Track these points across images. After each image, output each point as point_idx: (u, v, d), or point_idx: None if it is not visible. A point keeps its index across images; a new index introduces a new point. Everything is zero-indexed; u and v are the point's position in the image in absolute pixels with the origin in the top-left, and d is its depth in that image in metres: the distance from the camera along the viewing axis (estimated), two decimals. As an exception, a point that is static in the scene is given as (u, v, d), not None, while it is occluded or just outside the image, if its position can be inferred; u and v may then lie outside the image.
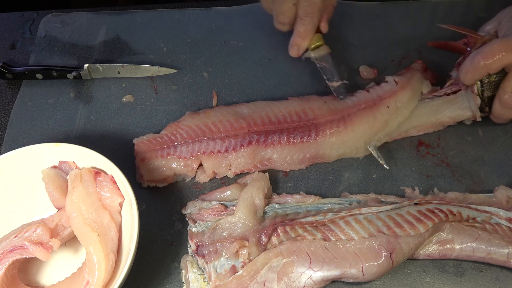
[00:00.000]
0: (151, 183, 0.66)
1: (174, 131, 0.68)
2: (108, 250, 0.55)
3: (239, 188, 0.63)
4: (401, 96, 0.70)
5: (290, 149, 0.67)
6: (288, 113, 0.69)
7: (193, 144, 0.66)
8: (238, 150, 0.66)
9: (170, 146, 0.66)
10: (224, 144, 0.66)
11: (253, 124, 0.68)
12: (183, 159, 0.65)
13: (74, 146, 0.60)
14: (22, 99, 0.77)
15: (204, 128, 0.68)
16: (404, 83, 0.71)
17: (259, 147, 0.67)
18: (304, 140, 0.67)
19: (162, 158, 0.66)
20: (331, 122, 0.68)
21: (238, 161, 0.66)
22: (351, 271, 0.56)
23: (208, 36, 0.83)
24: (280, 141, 0.67)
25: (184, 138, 0.67)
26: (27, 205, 0.62)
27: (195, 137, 0.67)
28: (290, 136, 0.67)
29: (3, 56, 0.83)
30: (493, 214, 0.62)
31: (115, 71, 0.78)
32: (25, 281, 0.58)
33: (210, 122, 0.68)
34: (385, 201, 0.64)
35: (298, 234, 0.59)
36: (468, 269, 0.61)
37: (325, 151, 0.68)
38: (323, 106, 0.69)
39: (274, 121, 0.68)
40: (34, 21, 0.87)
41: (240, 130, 0.67)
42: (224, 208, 0.62)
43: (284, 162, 0.68)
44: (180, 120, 0.70)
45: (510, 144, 0.71)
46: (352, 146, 0.68)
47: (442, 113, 0.70)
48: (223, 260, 0.58)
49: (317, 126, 0.68)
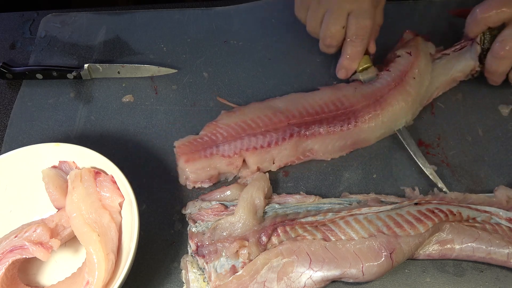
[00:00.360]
0: (196, 184, 0.66)
1: (214, 130, 0.68)
2: (108, 250, 0.55)
3: (239, 188, 0.63)
4: (419, 64, 0.72)
5: (331, 138, 0.68)
6: (324, 104, 0.70)
7: (235, 142, 0.66)
8: (280, 143, 0.66)
9: (212, 146, 0.66)
10: (266, 139, 0.66)
11: (291, 117, 0.68)
12: (227, 158, 0.65)
13: (74, 146, 0.60)
14: (22, 99, 0.77)
15: (243, 125, 0.68)
16: (415, 51, 0.73)
17: (300, 139, 0.67)
18: (344, 129, 0.68)
19: (206, 158, 0.65)
20: (368, 106, 0.69)
21: (281, 154, 0.67)
22: (351, 271, 0.56)
23: (208, 36, 0.83)
24: (320, 132, 0.67)
25: (225, 137, 0.67)
26: (27, 205, 0.62)
27: (236, 135, 0.67)
28: (330, 126, 0.68)
29: (3, 56, 0.83)
30: (493, 214, 0.62)
31: (115, 71, 0.78)
32: (25, 281, 0.58)
33: (248, 118, 0.68)
34: (385, 201, 0.64)
35: (298, 234, 0.59)
36: (468, 269, 0.61)
37: (366, 136, 0.69)
38: (356, 92, 0.70)
39: (312, 112, 0.69)
40: (34, 21, 0.87)
41: (280, 123, 0.68)
42: (224, 208, 0.62)
43: (326, 152, 0.69)
44: (217, 119, 0.70)
45: (510, 144, 0.71)
46: (392, 125, 0.70)
47: (454, 68, 0.73)
48: (223, 260, 0.58)
49: (355, 112, 0.69)
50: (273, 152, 0.67)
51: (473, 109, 0.74)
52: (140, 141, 0.72)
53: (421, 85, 0.71)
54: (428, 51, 0.74)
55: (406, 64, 0.72)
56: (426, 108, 0.74)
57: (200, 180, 0.66)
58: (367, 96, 0.70)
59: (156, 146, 0.71)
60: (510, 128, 0.72)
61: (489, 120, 0.73)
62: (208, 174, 0.66)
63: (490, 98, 0.75)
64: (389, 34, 0.79)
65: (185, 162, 0.65)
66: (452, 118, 0.73)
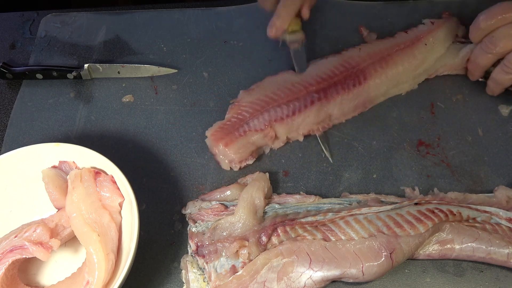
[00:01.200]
0: (242, 164, 0.68)
1: (239, 110, 0.70)
2: (108, 250, 0.55)
3: (239, 188, 0.63)
4: (437, 34, 0.76)
5: (346, 99, 0.71)
6: (334, 67, 0.73)
7: (262, 115, 0.69)
8: (303, 111, 0.69)
9: (243, 124, 0.68)
10: (290, 108, 0.69)
11: (308, 85, 0.71)
12: (260, 131, 0.67)
13: (74, 146, 0.60)
14: (22, 99, 0.77)
15: (266, 99, 0.70)
16: (439, 23, 0.78)
17: (321, 104, 0.70)
18: (356, 87, 0.71)
19: (242, 137, 0.67)
20: (374, 64, 0.73)
21: (305, 122, 0.70)
22: (351, 271, 0.56)
23: (208, 36, 0.83)
24: (337, 93, 0.71)
25: (251, 114, 0.69)
26: (27, 205, 0.62)
27: (261, 109, 0.69)
28: (344, 86, 0.71)
29: (3, 56, 0.83)
30: (493, 214, 0.62)
31: (115, 71, 0.78)
32: (25, 281, 0.58)
33: (269, 92, 0.71)
34: (385, 201, 0.64)
35: (298, 234, 0.59)
36: (468, 269, 0.61)
37: (374, 93, 0.73)
38: (361, 52, 0.75)
39: (326, 77, 0.72)
40: (34, 21, 0.87)
41: (300, 93, 0.71)
42: (224, 208, 0.62)
43: (342, 114, 0.72)
44: (238, 99, 0.72)
45: (510, 144, 0.71)
46: (395, 82, 0.74)
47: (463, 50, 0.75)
48: (223, 260, 0.58)
49: (363, 70, 0.73)
50: (298, 120, 0.69)
51: (473, 109, 0.74)
52: (140, 141, 0.72)
53: (430, 53, 0.75)
54: (456, 31, 0.78)
55: (424, 30, 0.77)
56: (426, 108, 0.74)
57: (244, 158, 0.68)
58: (373, 54, 0.74)
59: (156, 146, 0.71)
60: (510, 128, 0.72)
61: (489, 120, 0.73)
62: (249, 151, 0.68)
63: (490, 98, 0.75)
64: (389, 34, 0.79)
65: (225, 146, 0.67)
66: (452, 118, 0.73)
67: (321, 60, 0.75)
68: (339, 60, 0.74)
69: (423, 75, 0.76)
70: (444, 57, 0.76)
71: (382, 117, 0.74)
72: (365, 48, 0.76)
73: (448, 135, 0.72)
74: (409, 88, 0.76)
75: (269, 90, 0.72)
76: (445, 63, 0.76)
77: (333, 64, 0.74)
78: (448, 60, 0.76)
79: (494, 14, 0.66)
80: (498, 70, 0.69)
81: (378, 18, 0.84)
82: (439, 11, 0.84)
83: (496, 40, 0.67)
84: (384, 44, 0.76)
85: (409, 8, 0.86)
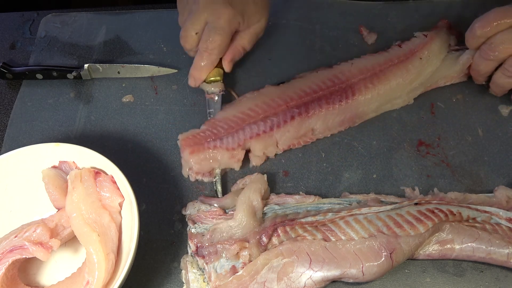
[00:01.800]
0: (198, 176, 0.67)
1: (214, 125, 0.69)
2: (108, 250, 0.55)
3: (235, 195, 0.63)
4: (431, 47, 0.74)
5: (331, 114, 0.70)
6: (321, 81, 0.72)
7: (237, 133, 0.67)
8: (282, 126, 0.68)
9: (216, 139, 0.67)
10: (267, 124, 0.68)
11: (289, 100, 0.70)
12: (230, 150, 0.66)
13: (74, 146, 0.60)
14: (22, 99, 0.77)
15: (242, 116, 0.69)
16: (432, 35, 0.76)
17: (302, 119, 0.69)
18: (343, 103, 0.70)
19: (209, 150, 0.66)
20: (364, 80, 0.71)
21: (284, 137, 0.68)
22: (351, 271, 0.56)
23: (208, 36, 0.83)
24: (321, 108, 0.69)
25: (226, 130, 0.68)
26: (27, 205, 0.62)
27: (236, 126, 0.68)
28: (329, 101, 0.70)
29: (3, 56, 0.83)
30: (493, 214, 0.62)
31: (115, 71, 0.78)
32: (25, 281, 0.58)
33: (246, 108, 0.70)
34: (385, 201, 0.64)
35: (298, 234, 0.59)
36: (468, 269, 0.61)
37: (363, 109, 0.71)
38: (352, 67, 0.73)
39: (309, 92, 0.71)
40: (34, 21, 0.87)
41: (278, 108, 0.69)
42: (222, 212, 0.62)
43: (327, 129, 0.70)
44: (215, 115, 0.71)
45: (510, 144, 0.71)
46: (387, 98, 0.72)
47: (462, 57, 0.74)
48: (223, 261, 0.58)
49: (352, 86, 0.71)
50: (276, 135, 0.68)
51: (473, 109, 0.74)
52: (140, 141, 0.72)
53: (425, 67, 0.73)
54: (448, 41, 0.76)
55: (417, 44, 0.75)
56: (426, 108, 0.74)
57: (203, 172, 0.67)
58: (364, 70, 0.72)
59: (156, 146, 0.71)
60: (510, 128, 0.72)
61: (489, 120, 0.73)
62: (210, 166, 0.67)
63: (490, 98, 0.74)
64: (389, 34, 0.79)
65: (189, 154, 0.66)
66: (452, 118, 0.73)
67: (310, 73, 0.73)
68: (328, 75, 0.72)
69: (419, 89, 0.74)
70: (441, 69, 0.75)
71: (382, 117, 0.74)
72: (357, 63, 0.73)
73: (448, 135, 0.72)
74: (404, 103, 0.74)
75: (247, 105, 0.70)
76: (444, 75, 0.75)
77: (320, 78, 0.72)
78: (446, 71, 0.75)
79: (490, 21, 0.66)
80: (499, 74, 0.69)
81: (378, 18, 0.84)
82: (439, 12, 0.84)
83: (495, 46, 0.66)
84: (377, 59, 0.74)
85: (409, 8, 0.85)
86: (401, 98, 0.73)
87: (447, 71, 0.75)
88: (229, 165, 0.67)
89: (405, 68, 0.72)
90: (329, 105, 0.69)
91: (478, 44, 0.69)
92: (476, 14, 0.70)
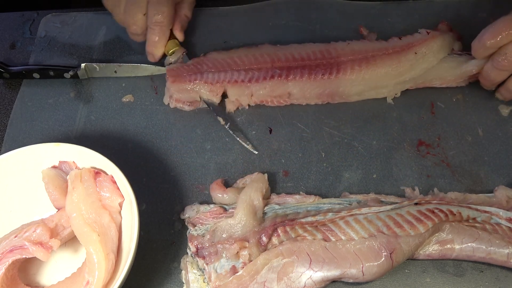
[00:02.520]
0: (178, 104, 0.73)
1: (201, 61, 0.74)
2: (108, 250, 0.55)
3: (236, 192, 0.63)
4: (430, 44, 0.74)
5: (311, 84, 0.72)
6: (312, 52, 0.74)
7: (218, 73, 0.72)
8: (260, 81, 0.72)
9: (197, 73, 0.73)
10: (248, 75, 0.72)
11: (276, 60, 0.73)
12: (209, 85, 0.72)
13: (74, 146, 0.60)
14: (22, 99, 0.77)
15: (229, 61, 0.73)
16: (435, 34, 0.75)
17: (281, 81, 0.71)
18: (325, 77, 0.71)
19: (190, 82, 0.72)
20: (353, 61, 0.72)
21: (259, 92, 0.72)
22: (351, 271, 0.56)
23: (208, 36, 0.83)
24: (301, 76, 0.71)
25: (209, 68, 0.73)
26: (27, 205, 0.62)
27: (220, 68, 0.73)
28: (312, 72, 0.71)
29: (3, 56, 0.83)
30: (493, 214, 0.62)
31: (112, 71, 0.77)
32: (25, 281, 0.58)
33: (235, 56, 0.74)
34: (385, 201, 0.64)
35: (298, 234, 0.59)
36: (468, 269, 0.61)
37: (345, 89, 0.72)
38: (346, 46, 0.74)
39: (298, 58, 0.73)
40: (34, 21, 0.87)
41: (264, 64, 0.73)
42: (223, 211, 0.62)
43: (303, 96, 0.73)
44: (206, 54, 0.75)
45: (510, 144, 0.71)
46: (372, 85, 0.73)
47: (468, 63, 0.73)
48: (223, 261, 0.58)
49: (339, 64, 0.72)
50: (252, 88, 0.72)
51: (473, 109, 0.74)
52: (140, 141, 0.72)
53: (419, 62, 0.73)
54: (452, 45, 0.76)
55: (417, 39, 0.75)
56: (426, 108, 0.74)
57: (182, 101, 0.73)
58: (357, 52, 0.73)
59: (156, 146, 0.71)
60: (510, 128, 0.72)
61: (489, 120, 0.73)
62: (189, 96, 0.73)
63: (490, 98, 0.75)
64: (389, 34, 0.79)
65: (171, 82, 0.73)
66: (452, 118, 0.73)
67: (308, 44, 0.75)
68: (321, 48, 0.74)
69: (408, 83, 0.74)
70: (438, 70, 0.74)
71: (382, 117, 0.74)
72: (353, 44, 0.75)
73: (448, 135, 0.72)
74: (389, 94, 0.74)
75: (237, 54, 0.74)
76: (441, 76, 0.74)
77: (312, 49, 0.74)
78: (443, 73, 0.74)
79: (500, 31, 0.64)
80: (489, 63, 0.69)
81: (378, 18, 0.84)
82: (439, 11, 0.84)
83: (510, 57, 0.65)
84: (372, 45, 0.75)
85: (409, 8, 0.85)
86: (387, 88, 0.74)
87: (445, 73, 0.74)
88: (208, 98, 0.72)
89: (397, 59, 0.73)
90: (310, 75, 0.71)
91: (487, 54, 0.68)
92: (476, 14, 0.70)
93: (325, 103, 0.74)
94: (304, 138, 0.72)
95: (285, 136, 0.72)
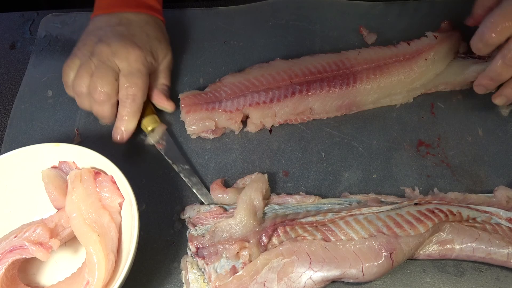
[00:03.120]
0: (199, 134, 0.71)
1: (218, 88, 0.72)
2: (108, 250, 0.55)
3: (236, 192, 0.63)
4: (439, 50, 0.74)
5: (330, 97, 0.71)
6: (326, 64, 0.73)
7: (237, 99, 0.70)
8: (282, 100, 0.70)
9: (215, 101, 0.70)
10: (269, 95, 0.70)
11: (294, 76, 0.72)
12: (228, 113, 0.70)
13: (74, 146, 0.60)
14: (22, 98, 0.77)
15: (247, 83, 0.72)
16: (443, 38, 0.76)
17: (302, 97, 0.71)
18: (343, 88, 0.71)
19: (207, 111, 0.69)
20: (367, 70, 0.73)
21: (282, 111, 0.71)
22: (351, 271, 0.56)
23: (208, 36, 0.83)
24: (321, 90, 0.71)
25: (228, 94, 0.71)
26: (27, 205, 0.62)
27: (239, 92, 0.71)
28: (331, 84, 0.71)
29: (3, 56, 0.83)
30: (493, 214, 0.62)
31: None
32: (25, 281, 0.58)
33: (252, 77, 0.72)
34: (385, 201, 0.64)
35: (298, 234, 0.59)
36: (468, 269, 0.61)
37: (362, 98, 0.72)
38: (358, 55, 0.74)
39: (314, 71, 0.72)
40: (34, 21, 0.87)
41: (282, 82, 0.72)
42: (223, 211, 0.62)
43: (324, 111, 0.72)
44: (222, 79, 0.73)
45: (510, 144, 0.71)
46: (386, 92, 0.73)
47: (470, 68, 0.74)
48: (223, 261, 0.58)
49: (355, 74, 0.72)
50: (275, 108, 0.70)
51: (473, 109, 0.74)
52: (140, 141, 0.72)
53: (429, 69, 0.73)
54: (458, 47, 0.76)
55: (426, 44, 0.75)
56: (426, 108, 0.74)
57: (200, 132, 0.70)
58: (369, 60, 0.73)
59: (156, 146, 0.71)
60: (510, 128, 0.72)
61: (489, 120, 0.73)
62: (205, 126, 0.70)
63: (490, 98, 0.74)
64: (389, 34, 0.79)
65: (185, 113, 0.70)
66: (452, 118, 0.73)
67: (318, 55, 0.75)
68: (334, 58, 0.74)
69: (420, 90, 0.74)
70: (445, 75, 0.74)
71: (382, 117, 0.74)
72: (364, 52, 0.74)
73: (448, 135, 0.72)
74: (403, 100, 0.74)
75: (253, 75, 0.72)
76: (446, 81, 0.74)
77: (326, 61, 0.74)
78: (449, 77, 0.74)
79: (498, 25, 0.62)
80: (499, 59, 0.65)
81: (378, 18, 0.84)
82: (439, 11, 0.84)
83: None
84: (383, 52, 0.74)
85: (409, 8, 0.86)
86: (400, 95, 0.74)
87: (450, 77, 0.74)
88: (227, 126, 0.71)
89: (409, 66, 0.73)
90: (329, 88, 0.71)
91: (490, 50, 0.65)
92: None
93: (343, 114, 0.74)
94: (304, 138, 0.72)
95: (285, 136, 0.72)
